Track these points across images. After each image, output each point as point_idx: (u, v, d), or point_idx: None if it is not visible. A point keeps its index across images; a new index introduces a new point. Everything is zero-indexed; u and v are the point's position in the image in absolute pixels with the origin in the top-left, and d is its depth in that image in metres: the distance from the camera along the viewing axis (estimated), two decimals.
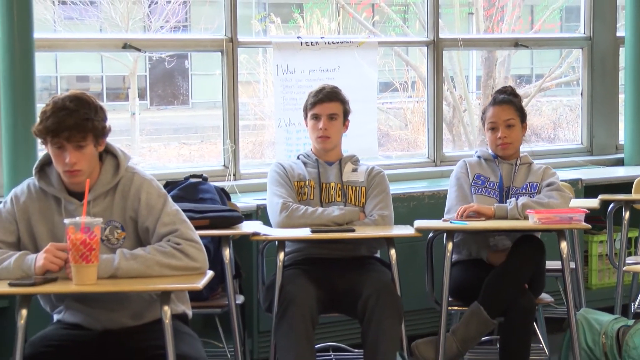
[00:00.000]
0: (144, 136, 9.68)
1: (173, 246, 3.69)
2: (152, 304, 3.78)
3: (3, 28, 4.91)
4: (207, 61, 7.48)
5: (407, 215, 5.28)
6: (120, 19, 8.67)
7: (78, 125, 3.62)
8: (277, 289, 4.52)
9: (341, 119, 4.85)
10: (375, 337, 4.40)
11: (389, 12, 9.04)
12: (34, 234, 3.78)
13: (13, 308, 3.89)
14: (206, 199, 4.90)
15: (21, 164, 4.84)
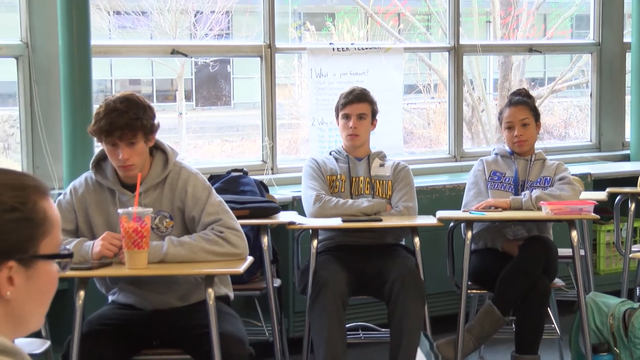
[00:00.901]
0: (190, 134, 9.71)
1: (216, 234, 3.70)
2: (198, 286, 3.79)
3: (63, 36, 4.93)
4: (247, 66, 7.48)
5: (430, 206, 5.27)
6: (169, 27, 8.70)
7: (128, 125, 3.64)
8: (311, 274, 4.52)
9: (369, 118, 4.85)
10: (401, 317, 4.40)
11: (413, 21, 9.02)
12: (90, 222, 3.80)
13: (72, 290, 3.92)
14: (246, 191, 4.90)
15: (79, 159, 4.86)
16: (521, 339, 4.59)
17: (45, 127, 5.10)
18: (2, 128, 8.95)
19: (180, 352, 3.80)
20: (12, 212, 1.49)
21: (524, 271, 4.54)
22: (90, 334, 3.66)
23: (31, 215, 1.51)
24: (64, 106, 4.96)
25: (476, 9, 9.06)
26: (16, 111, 5.24)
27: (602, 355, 4.58)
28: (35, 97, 5.10)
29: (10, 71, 5.19)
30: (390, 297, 4.45)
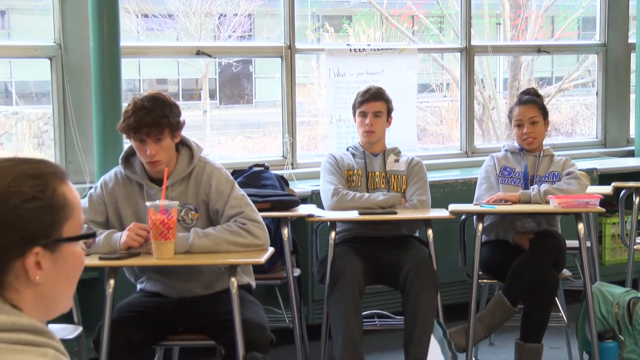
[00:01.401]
0: (214, 131, 9.74)
1: (239, 226, 3.70)
2: (221, 275, 3.79)
3: (94, 38, 4.95)
4: (268, 66, 7.50)
5: (443, 199, 5.25)
6: (194, 29, 8.72)
7: (155, 122, 3.65)
8: (329, 264, 4.52)
9: (385, 116, 4.84)
10: (415, 305, 4.39)
11: (426, 23, 9.00)
12: (120, 215, 3.82)
13: (102, 279, 3.93)
14: (267, 185, 4.91)
15: (109, 154, 4.87)
16: (527, 328, 4.57)
17: (77, 124, 5.12)
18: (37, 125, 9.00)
19: (205, 338, 3.81)
20: (32, 201, 1.48)
21: (534, 265, 4.52)
22: (119, 321, 3.67)
23: (51, 201, 1.51)
24: (95, 104, 4.97)
25: (487, 11, 9.03)
26: (50, 109, 5.26)
27: (608, 342, 4.56)
28: (67, 96, 5.11)
29: (44, 71, 5.22)
30: (405, 286, 4.45)
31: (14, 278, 1.47)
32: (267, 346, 3.65)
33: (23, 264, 1.47)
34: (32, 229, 1.48)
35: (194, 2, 8.66)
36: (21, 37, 10.33)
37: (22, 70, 9.31)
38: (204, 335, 3.81)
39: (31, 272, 1.47)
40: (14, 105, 10.06)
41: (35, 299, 1.50)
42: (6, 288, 1.47)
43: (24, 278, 1.48)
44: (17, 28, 10.13)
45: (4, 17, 10.51)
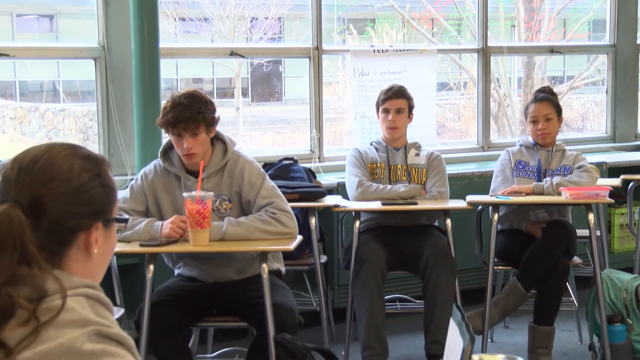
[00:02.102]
0: (246, 127, 9.75)
1: (270, 215, 3.70)
2: (253, 261, 3.80)
3: (135, 40, 4.96)
4: (297, 66, 7.49)
5: (460, 191, 5.23)
6: (228, 32, 8.73)
7: (192, 118, 3.66)
8: (353, 251, 4.51)
9: (406, 112, 4.83)
10: (434, 290, 4.38)
11: (445, 25, 8.97)
12: (159, 204, 3.82)
13: (142, 264, 3.95)
14: (296, 177, 4.91)
15: (149, 148, 4.89)
16: (539, 312, 4.55)
17: (120, 121, 5.13)
18: (82, 121, 9.05)
19: (238, 320, 3.82)
20: (97, 178, 1.54)
21: (546, 253, 4.50)
22: (158, 303, 3.68)
23: (107, 182, 1.56)
24: (136, 102, 4.99)
25: (502, 14, 8.98)
26: (94, 107, 5.28)
27: (616, 325, 4.53)
28: (110, 94, 5.13)
29: (89, 71, 5.24)
30: (425, 272, 4.44)
31: (75, 251, 1.51)
32: (296, 328, 3.65)
33: (87, 237, 1.52)
34: (97, 205, 1.53)
35: (228, 6, 8.67)
36: (68, 39, 10.38)
37: (69, 70, 9.36)
38: (237, 317, 3.81)
39: (92, 246, 1.52)
40: (62, 102, 10.13)
41: (84, 273, 1.53)
42: (63, 262, 1.50)
43: (84, 251, 1.52)
44: (65, 31, 10.18)
45: (53, 21, 10.56)
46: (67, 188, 1.49)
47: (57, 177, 1.49)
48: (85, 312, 1.41)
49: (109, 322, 1.43)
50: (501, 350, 4.76)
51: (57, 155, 1.52)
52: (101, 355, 1.36)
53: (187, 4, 8.49)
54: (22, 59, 5.42)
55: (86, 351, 1.36)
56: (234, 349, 4.31)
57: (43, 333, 1.37)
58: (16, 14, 10.07)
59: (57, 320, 1.38)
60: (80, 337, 1.36)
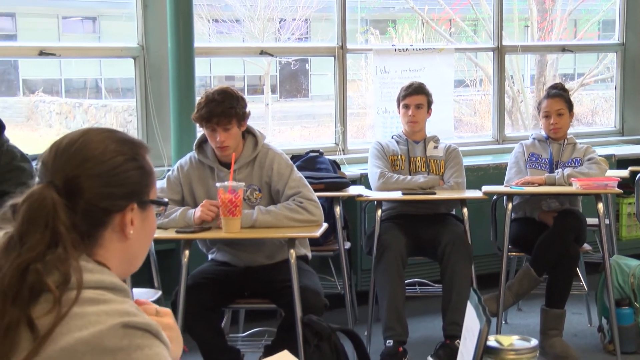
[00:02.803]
0: (275, 121, 9.73)
1: (297, 204, 3.70)
2: (282, 247, 3.80)
3: (172, 40, 4.97)
4: (323, 64, 7.46)
5: (476, 182, 5.20)
6: (258, 32, 8.72)
7: (224, 113, 3.66)
8: (375, 238, 4.51)
9: (425, 107, 4.81)
10: (451, 275, 4.37)
11: (462, 25, 8.90)
12: (194, 194, 3.83)
13: (178, 250, 3.96)
14: (322, 168, 4.90)
15: (184, 141, 4.90)
16: (551, 296, 4.52)
17: (157, 116, 5.14)
18: (122, 116, 9.09)
19: (267, 302, 3.82)
20: (132, 161, 1.50)
21: (557, 240, 4.47)
22: (193, 286, 3.70)
23: (143, 164, 1.52)
24: (172, 98, 5.00)
25: (516, 15, 8.89)
26: (133, 102, 5.30)
27: (624, 308, 4.50)
28: (149, 91, 5.14)
29: (129, 69, 5.25)
30: (443, 258, 4.42)
31: (110, 232, 1.47)
32: (322, 309, 3.65)
33: (122, 218, 1.48)
34: (132, 186, 1.49)
35: (258, 8, 8.65)
36: (109, 39, 10.41)
37: (110, 69, 9.39)
38: (266, 299, 3.82)
39: (127, 227, 1.48)
40: (103, 99, 10.18)
41: (122, 255, 1.50)
42: (99, 244, 1.46)
43: (118, 233, 1.48)
44: (106, 32, 10.22)
45: (95, 22, 10.60)
46: (101, 169, 1.46)
47: (92, 159, 1.46)
48: (108, 305, 1.36)
49: (133, 309, 1.38)
50: (515, 331, 4.73)
51: (93, 138, 1.49)
52: (128, 350, 1.32)
53: (220, 6, 8.48)
54: (67, 58, 5.44)
55: (113, 348, 1.31)
56: (263, 329, 4.31)
57: (69, 323, 1.32)
58: (62, 16, 10.13)
59: (82, 310, 1.34)
60: (106, 333, 1.32)
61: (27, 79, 10.21)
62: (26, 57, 5.55)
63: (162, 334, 1.39)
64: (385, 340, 4.29)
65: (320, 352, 3.41)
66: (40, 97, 10.45)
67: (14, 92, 9.79)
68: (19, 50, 5.42)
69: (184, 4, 4.96)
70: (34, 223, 1.38)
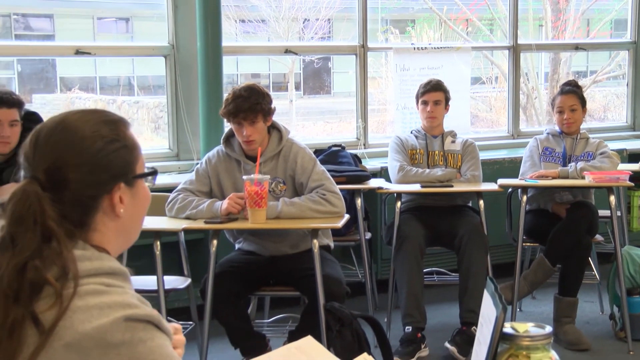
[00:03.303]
0: (298, 117, 9.73)
1: (320, 196, 3.69)
2: (305, 237, 3.79)
3: (201, 39, 4.98)
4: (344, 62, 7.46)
5: (492, 175, 5.17)
6: (282, 31, 8.72)
7: (251, 108, 3.66)
8: (395, 229, 4.49)
9: (443, 104, 4.78)
10: (468, 264, 4.35)
11: (479, 25, 8.85)
12: (221, 186, 3.84)
13: (207, 239, 3.97)
14: (344, 162, 4.89)
15: (212, 136, 4.91)
16: (564, 284, 4.49)
17: (187, 111, 5.15)
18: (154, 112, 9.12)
19: (291, 289, 3.82)
20: (114, 142, 1.43)
21: (570, 231, 4.44)
22: (221, 274, 3.70)
23: (126, 142, 1.46)
24: (201, 95, 5.01)
25: (531, 14, 8.83)
26: (164, 99, 5.31)
27: (635, 297, 4.46)
28: (179, 88, 5.15)
29: (160, 67, 5.27)
30: (460, 248, 4.40)
31: (101, 215, 1.42)
32: (343, 297, 3.65)
33: (110, 200, 1.43)
34: (116, 167, 1.43)
35: (283, 8, 8.66)
36: (141, 39, 10.45)
37: (142, 67, 9.41)
38: (291, 287, 3.82)
39: (117, 207, 1.43)
40: (136, 95, 10.21)
41: (117, 232, 1.45)
42: (92, 229, 1.42)
43: (110, 213, 1.43)
44: (139, 32, 10.26)
45: (128, 23, 10.65)
46: (83, 157, 1.40)
47: (73, 148, 1.39)
48: (110, 296, 1.33)
49: (134, 300, 1.35)
50: (529, 319, 4.70)
51: (71, 124, 1.42)
52: (131, 343, 1.29)
53: (247, 7, 8.49)
54: (102, 56, 5.46)
55: (117, 342, 1.28)
56: (288, 315, 4.32)
57: (72, 317, 1.29)
58: (97, 17, 10.18)
59: (85, 303, 1.30)
60: (109, 328, 1.29)
61: (64, 76, 10.27)
62: (63, 56, 5.58)
63: (163, 323, 1.36)
64: (404, 326, 4.28)
65: (342, 337, 3.40)
66: (77, 94, 10.50)
67: (52, 89, 9.85)
68: (56, 49, 5.45)
69: (213, 5, 4.97)
70: (22, 222, 1.33)
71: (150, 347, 1.31)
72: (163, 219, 3.77)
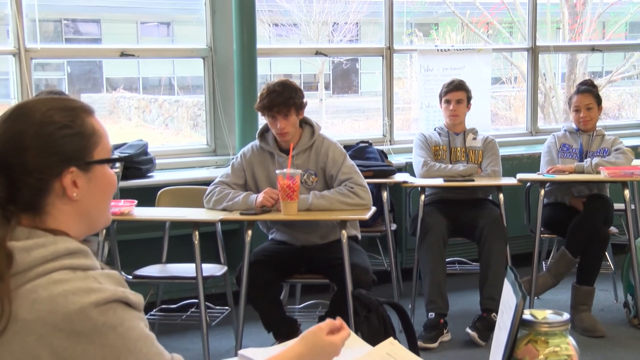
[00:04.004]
0: (328, 115, 9.73)
1: (349, 189, 3.69)
2: (334, 228, 3.79)
3: (237, 42, 4.98)
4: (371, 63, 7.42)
5: (511, 170, 5.12)
6: (313, 34, 8.72)
7: (284, 102, 3.68)
8: (419, 220, 4.47)
9: (465, 102, 4.75)
10: (488, 254, 4.31)
11: (499, 28, 8.78)
12: (255, 178, 3.84)
13: (242, 230, 3.98)
14: (371, 157, 4.88)
15: (247, 132, 4.92)
16: (582, 274, 4.45)
17: (223, 109, 5.17)
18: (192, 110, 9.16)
19: (321, 277, 3.82)
20: (64, 129, 1.38)
21: (589, 223, 4.40)
22: (255, 262, 3.71)
23: (81, 129, 1.40)
24: (237, 94, 5.02)
25: (549, 17, 8.73)
26: (202, 98, 5.32)
27: None
28: (216, 87, 5.17)
29: (198, 68, 5.28)
30: (480, 239, 4.37)
31: (55, 197, 1.37)
32: (370, 284, 3.64)
33: (61, 183, 1.37)
34: (66, 152, 1.38)
35: (313, 13, 8.66)
36: (181, 42, 10.50)
37: (182, 68, 9.46)
38: (321, 275, 3.82)
39: (69, 190, 1.38)
40: (176, 95, 10.27)
41: (77, 214, 1.40)
42: (45, 212, 1.37)
43: (62, 197, 1.38)
44: (179, 35, 10.30)
45: (169, 27, 10.69)
46: (32, 142, 1.35)
47: (23, 132, 1.36)
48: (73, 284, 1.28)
49: (96, 284, 1.29)
50: (546, 306, 4.62)
51: (25, 110, 1.39)
52: (101, 331, 1.26)
53: (280, 12, 8.50)
54: (145, 58, 5.49)
55: (87, 330, 1.25)
56: (318, 301, 4.32)
57: (39, 310, 1.25)
58: (140, 22, 10.25)
59: (49, 294, 1.26)
60: (76, 317, 1.24)
61: (109, 77, 10.35)
62: (109, 58, 5.61)
63: (130, 297, 1.31)
64: (428, 312, 4.26)
65: (369, 322, 3.39)
66: (121, 94, 10.58)
67: (98, 89, 9.94)
68: (103, 51, 5.49)
69: (248, 9, 4.97)
70: None
71: (121, 332, 1.27)
72: (201, 211, 3.78)
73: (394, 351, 1.77)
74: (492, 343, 1.55)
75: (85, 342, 1.25)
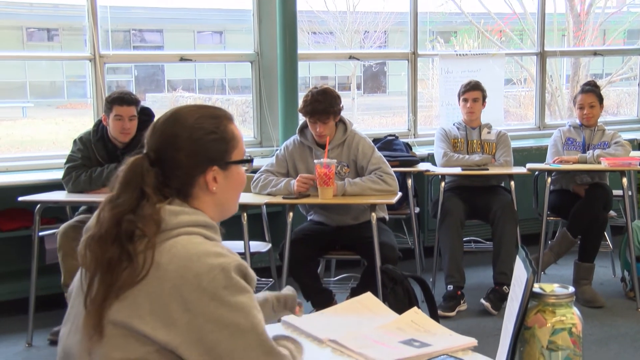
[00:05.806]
0: (359, 112, 9.69)
1: (378, 177, 3.68)
2: (365, 211, 3.78)
3: (280, 48, 4.98)
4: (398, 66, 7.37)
5: (521, 160, 5.06)
6: (347, 41, 8.68)
7: (324, 111, 3.68)
8: (439, 204, 4.44)
9: (481, 101, 4.70)
10: (500, 234, 4.28)
11: (511, 35, 8.66)
12: (296, 168, 3.85)
13: (284, 212, 3.98)
14: (397, 149, 4.85)
15: (289, 127, 4.92)
16: (583, 252, 4.39)
17: (268, 107, 5.18)
18: (241, 108, 9.19)
19: (353, 254, 3.82)
20: (210, 134, 1.45)
21: (589, 208, 4.34)
22: (296, 240, 3.72)
23: (224, 135, 1.47)
24: (280, 93, 5.02)
25: (556, 25, 8.58)
26: (250, 97, 5.35)
27: None
28: (262, 88, 5.18)
29: (247, 71, 5.30)
30: (494, 221, 4.33)
31: (198, 189, 1.45)
32: (396, 260, 3.63)
33: (205, 179, 1.45)
34: (211, 154, 1.45)
35: (347, 22, 8.61)
36: (232, 48, 10.53)
37: (232, 71, 9.49)
38: (353, 252, 3.82)
39: (210, 184, 1.45)
40: (227, 94, 10.31)
41: (213, 204, 1.47)
42: (193, 197, 1.44)
43: (205, 189, 1.45)
44: (230, 42, 10.34)
45: (222, 35, 10.73)
46: (185, 144, 1.43)
47: (177, 135, 1.43)
48: (206, 246, 1.34)
49: (226, 252, 1.35)
50: (552, 281, 4.60)
51: (180, 117, 1.46)
52: (220, 300, 1.29)
53: (318, 22, 8.47)
54: (200, 62, 5.51)
55: (210, 290, 1.29)
56: (350, 275, 4.32)
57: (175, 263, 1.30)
58: (197, 31, 10.30)
59: (186, 252, 1.31)
60: (206, 275, 1.29)
61: (170, 79, 10.43)
62: (170, 62, 5.66)
63: (249, 271, 1.36)
64: (447, 285, 4.24)
65: (395, 294, 3.37)
66: (180, 94, 10.66)
67: (160, 89, 10.03)
68: (164, 57, 5.53)
69: (290, 19, 4.96)
70: (127, 185, 1.39)
71: (235, 306, 1.30)
72: (249, 195, 3.80)
73: (417, 319, 1.78)
74: (505, 312, 1.54)
75: (208, 298, 1.28)
